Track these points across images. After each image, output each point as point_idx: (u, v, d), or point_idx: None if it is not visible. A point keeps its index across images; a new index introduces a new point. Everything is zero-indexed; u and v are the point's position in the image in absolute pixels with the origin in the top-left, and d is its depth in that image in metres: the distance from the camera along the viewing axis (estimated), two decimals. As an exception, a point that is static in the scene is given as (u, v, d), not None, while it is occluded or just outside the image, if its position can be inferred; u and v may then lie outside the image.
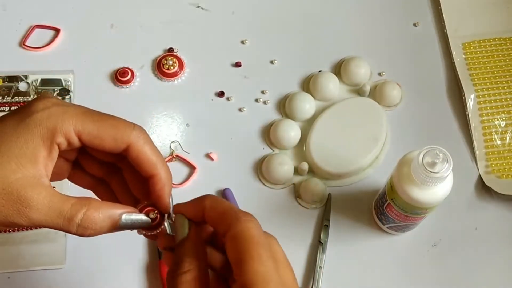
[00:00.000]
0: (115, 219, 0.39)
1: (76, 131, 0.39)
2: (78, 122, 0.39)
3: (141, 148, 0.40)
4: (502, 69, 0.72)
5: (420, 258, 0.64)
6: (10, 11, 0.74)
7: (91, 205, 0.39)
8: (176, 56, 0.72)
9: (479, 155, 0.68)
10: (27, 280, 0.61)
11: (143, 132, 0.41)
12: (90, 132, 0.39)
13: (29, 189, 0.37)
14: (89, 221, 0.38)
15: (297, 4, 0.76)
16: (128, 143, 0.40)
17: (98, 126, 0.39)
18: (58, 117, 0.38)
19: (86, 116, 0.39)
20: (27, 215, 0.37)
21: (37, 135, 0.38)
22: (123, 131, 0.40)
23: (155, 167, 0.41)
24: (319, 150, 0.66)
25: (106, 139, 0.40)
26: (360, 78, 0.71)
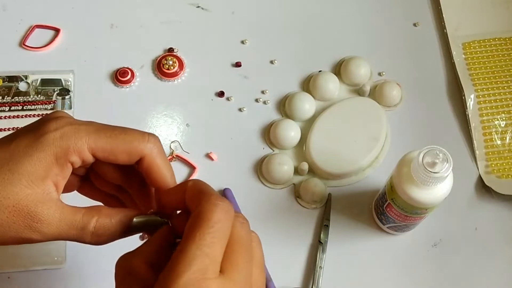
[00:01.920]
0: (127, 222, 0.40)
1: (90, 149, 0.39)
2: (91, 140, 0.39)
3: (153, 160, 0.41)
4: (502, 69, 0.72)
5: (420, 258, 0.64)
6: (10, 11, 0.74)
7: (102, 212, 0.40)
8: (176, 56, 0.72)
9: (479, 155, 0.68)
10: (27, 280, 0.61)
11: (157, 143, 0.41)
12: (104, 149, 0.40)
13: (39, 204, 0.38)
14: (102, 228, 0.40)
15: (297, 4, 0.76)
16: (141, 156, 0.41)
17: (111, 142, 0.40)
18: (71, 137, 0.39)
19: (99, 134, 0.40)
20: (39, 230, 0.38)
21: (50, 154, 0.38)
22: (137, 145, 0.40)
23: (164, 180, 0.42)
24: (319, 150, 0.66)
25: (119, 155, 0.40)
26: (360, 78, 0.71)
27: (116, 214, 0.40)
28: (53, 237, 0.39)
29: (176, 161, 0.67)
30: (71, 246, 0.63)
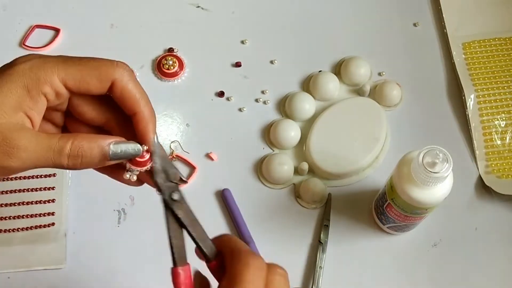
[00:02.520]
0: (104, 148, 0.40)
1: (61, 78, 0.39)
2: (61, 69, 0.39)
3: (125, 85, 0.41)
4: (502, 69, 0.72)
5: (420, 258, 0.64)
6: (10, 11, 0.74)
7: (78, 135, 0.39)
8: (176, 56, 0.72)
9: (479, 155, 0.68)
10: (27, 280, 0.61)
11: (126, 68, 0.41)
12: (75, 77, 0.40)
13: (14, 132, 0.38)
14: (78, 149, 0.39)
15: (297, 4, 0.76)
16: (112, 80, 0.40)
17: (81, 70, 0.40)
18: (40, 67, 0.39)
19: (68, 63, 0.40)
20: (16, 156, 0.38)
21: (21, 85, 0.38)
22: (106, 70, 0.41)
23: (138, 105, 0.42)
24: (319, 150, 0.66)
25: (90, 81, 0.40)
26: (360, 78, 0.71)
27: (93, 138, 0.40)
28: (32, 163, 0.38)
29: (176, 161, 0.67)
30: (71, 246, 0.63)
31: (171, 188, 0.42)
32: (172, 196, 0.42)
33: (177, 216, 0.41)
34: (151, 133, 0.43)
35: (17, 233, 0.63)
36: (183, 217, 0.41)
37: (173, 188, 0.42)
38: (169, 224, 0.42)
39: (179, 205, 0.42)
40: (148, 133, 0.42)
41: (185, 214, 0.42)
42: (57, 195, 0.64)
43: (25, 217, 0.63)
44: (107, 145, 0.40)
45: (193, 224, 0.42)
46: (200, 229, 0.42)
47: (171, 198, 0.42)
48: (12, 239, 0.63)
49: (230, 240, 0.41)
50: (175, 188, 0.42)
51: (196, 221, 0.42)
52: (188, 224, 0.41)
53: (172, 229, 0.41)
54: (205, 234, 0.42)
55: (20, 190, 0.65)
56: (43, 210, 0.64)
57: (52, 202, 0.64)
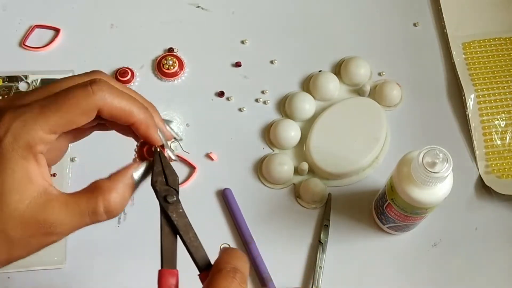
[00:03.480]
0: (130, 183, 0.40)
1: (47, 131, 0.38)
2: (43, 123, 0.38)
3: (110, 106, 0.39)
4: (502, 69, 0.72)
5: (420, 258, 0.64)
6: (10, 11, 0.74)
7: (104, 189, 0.39)
8: (176, 56, 0.72)
9: (479, 155, 0.68)
10: (27, 280, 0.61)
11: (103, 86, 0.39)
12: (59, 124, 0.38)
13: (42, 209, 0.38)
14: (113, 204, 0.39)
15: (297, 4, 0.76)
16: (97, 108, 0.39)
17: (62, 115, 0.38)
18: (23, 132, 0.37)
19: (45, 113, 0.38)
20: (55, 233, 0.38)
21: (18, 159, 0.37)
22: (86, 103, 0.38)
23: (131, 116, 0.41)
24: (319, 150, 0.66)
25: (77, 120, 0.39)
26: (360, 78, 0.71)
27: (117, 184, 0.39)
28: (72, 230, 0.39)
29: (176, 161, 0.67)
30: (71, 246, 0.63)
31: (167, 191, 0.42)
32: (167, 198, 0.41)
33: (171, 219, 0.41)
34: (155, 134, 0.42)
35: (17, 233, 0.63)
36: (176, 221, 0.41)
37: (170, 192, 0.42)
38: (162, 226, 0.41)
39: (174, 208, 0.41)
40: (152, 135, 0.42)
41: (179, 218, 0.41)
42: (57, 195, 0.64)
43: (25, 217, 0.63)
44: (131, 178, 0.40)
45: (186, 230, 0.41)
46: (193, 235, 0.41)
47: (166, 201, 0.41)
48: (12, 239, 0.62)
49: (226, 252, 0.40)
50: (171, 191, 0.42)
51: (190, 227, 0.41)
52: (182, 229, 0.41)
53: (165, 231, 0.41)
54: (198, 241, 0.41)
55: (20, 190, 0.64)
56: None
57: (52, 202, 0.64)
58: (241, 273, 0.39)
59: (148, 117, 0.42)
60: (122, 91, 0.41)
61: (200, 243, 0.41)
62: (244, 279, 0.39)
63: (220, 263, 0.39)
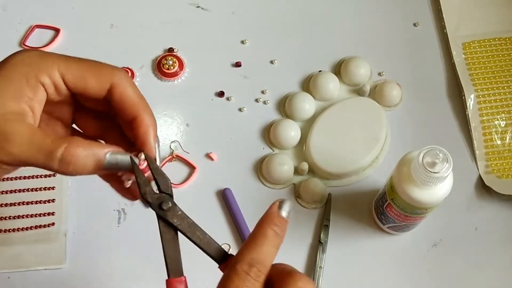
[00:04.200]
0: (99, 157, 0.38)
1: (60, 72, 0.39)
2: (61, 63, 0.39)
3: (124, 89, 0.40)
4: (502, 69, 0.72)
5: (420, 258, 0.64)
6: (10, 11, 0.74)
7: (74, 140, 0.38)
8: (176, 56, 0.72)
9: (479, 155, 0.68)
10: (27, 280, 0.61)
11: (126, 74, 0.41)
12: (74, 73, 0.39)
13: (9, 123, 0.37)
14: (71, 156, 0.37)
15: (297, 4, 0.76)
16: (111, 83, 0.40)
17: (81, 67, 0.39)
18: (40, 58, 0.38)
19: (68, 60, 0.39)
20: (7, 150, 0.36)
21: (20, 74, 0.38)
22: (105, 71, 0.40)
23: (137, 108, 0.40)
24: (319, 150, 0.66)
25: (89, 80, 0.39)
26: (360, 78, 0.71)
27: (89, 145, 0.38)
28: (22, 160, 0.37)
29: (176, 161, 0.67)
30: (71, 246, 0.63)
31: (160, 199, 0.40)
32: (162, 206, 0.40)
33: (174, 224, 0.40)
34: (152, 138, 0.41)
35: (17, 233, 0.63)
36: (179, 225, 0.40)
37: (163, 198, 0.40)
38: (163, 235, 0.40)
39: (172, 213, 0.40)
40: (149, 138, 0.41)
41: (181, 221, 0.40)
42: (57, 195, 0.64)
43: (25, 217, 0.63)
44: (103, 154, 0.38)
45: (192, 229, 0.40)
46: (201, 232, 0.40)
47: (161, 209, 0.40)
48: (12, 239, 0.63)
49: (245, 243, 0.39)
50: (164, 197, 0.40)
51: (195, 225, 0.40)
52: (187, 230, 0.40)
53: (166, 240, 0.40)
54: (207, 236, 0.40)
55: (20, 190, 0.65)
56: (43, 210, 0.64)
57: (52, 202, 0.64)
58: (259, 265, 0.37)
59: (152, 120, 0.42)
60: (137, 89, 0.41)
61: (210, 237, 0.40)
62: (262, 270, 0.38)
63: (236, 257, 0.38)
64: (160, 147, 0.68)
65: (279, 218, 0.40)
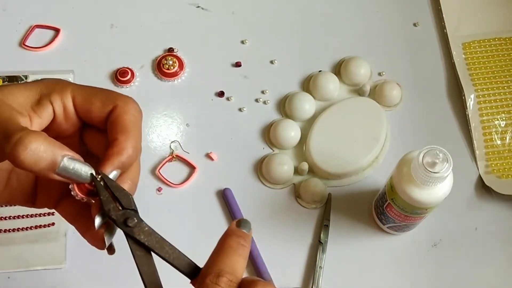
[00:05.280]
0: (55, 157, 0.36)
1: (72, 94, 0.40)
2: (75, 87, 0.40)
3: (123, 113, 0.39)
4: (502, 69, 0.72)
5: (420, 258, 0.64)
6: (10, 11, 0.74)
7: (38, 134, 0.36)
8: (176, 56, 0.72)
9: (479, 155, 0.68)
10: (27, 280, 0.61)
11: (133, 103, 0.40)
12: (83, 95, 0.40)
13: None
14: (25, 145, 0.35)
15: (297, 4, 0.76)
16: (113, 105, 0.40)
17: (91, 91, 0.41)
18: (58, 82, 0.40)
19: (82, 86, 0.41)
20: None
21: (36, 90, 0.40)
22: (113, 96, 0.40)
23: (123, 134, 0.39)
24: (319, 150, 0.66)
25: (95, 102, 0.40)
26: (360, 78, 0.71)
27: (50, 142, 0.36)
28: None
29: (176, 161, 0.67)
30: (71, 246, 0.63)
31: (125, 215, 0.38)
32: (127, 223, 0.38)
33: (140, 241, 0.38)
34: (113, 165, 0.39)
35: (17, 233, 0.63)
36: (147, 241, 0.38)
37: (128, 214, 0.39)
38: (134, 252, 0.39)
39: (139, 230, 0.38)
40: (111, 161, 0.39)
41: (148, 237, 0.38)
42: (57, 195, 0.64)
43: (25, 217, 0.63)
44: (61, 156, 0.36)
45: (160, 245, 0.38)
46: (170, 248, 0.38)
47: (127, 226, 0.38)
48: (12, 239, 0.63)
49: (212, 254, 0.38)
50: (130, 213, 0.39)
51: (163, 240, 0.39)
52: (155, 247, 0.38)
53: (138, 257, 0.39)
54: (176, 251, 0.38)
55: (20, 190, 0.64)
56: (43, 210, 0.64)
57: (52, 202, 0.64)
58: (229, 275, 0.36)
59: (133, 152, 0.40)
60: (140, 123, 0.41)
61: (179, 251, 0.38)
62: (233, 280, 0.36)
63: (204, 269, 0.37)
64: (160, 146, 0.68)
65: (240, 232, 0.39)
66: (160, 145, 0.68)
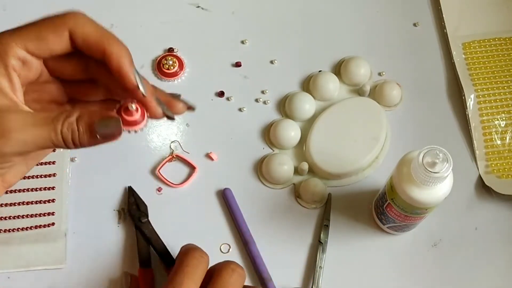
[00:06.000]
0: (92, 127, 0.38)
1: (20, 45, 0.38)
2: (16, 37, 0.38)
3: (82, 29, 0.39)
4: (502, 69, 0.72)
5: (420, 258, 0.64)
6: (10, 11, 0.74)
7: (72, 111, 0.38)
8: (176, 56, 0.72)
9: (479, 155, 0.68)
10: (27, 280, 0.62)
11: (80, 14, 0.40)
12: (31, 38, 0.38)
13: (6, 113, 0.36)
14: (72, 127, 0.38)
15: (297, 4, 0.76)
16: (67, 28, 0.39)
17: (35, 30, 0.39)
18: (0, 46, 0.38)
19: (21, 29, 0.39)
20: (13, 137, 0.36)
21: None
22: (59, 21, 0.39)
23: (102, 43, 0.39)
24: (319, 150, 0.66)
25: (48, 38, 0.39)
26: (360, 78, 0.71)
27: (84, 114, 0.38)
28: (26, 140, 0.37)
29: (176, 161, 0.67)
30: (71, 246, 0.63)
31: (140, 214, 0.62)
32: (140, 219, 0.62)
33: (145, 234, 0.61)
34: (129, 71, 0.39)
35: (17, 233, 0.63)
36: (149, 234, 0.61)
37: (141, 215, 0.62)
38: (138, 239, 0.62)
39: (146, 226, 0.62)
40: (124, 72, 0.39)
41: (150, 233, 0.61)
42: (57, 195, 0.64)
43: (25, 217, 0.63)
44: (94, 123, 0.38)
45: (156, 240, 0.61)
46: (161, 244, 0.61)
47: (140, 221, 0.62)
48: (12, 239, 0.63)
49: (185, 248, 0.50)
50: (143, 214, 0.62)
51: (158, 238, 0.61)
52: (152, 240, 0.61)
53: (141, 242, 0.61)
54: (165, 247, 0.61)
55: (20, 190, 0.65)
56: (43, 210, 0.64)
57: (52, 202, 0.64)
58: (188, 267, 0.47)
59: (122, 50, 0.40)
60: (97, 23, 0.39)
61: (165, 247, 0.61)
62: None
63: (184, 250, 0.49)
64: (160, 146, 0.68)
65: None
66: (160, 145, 0.68)
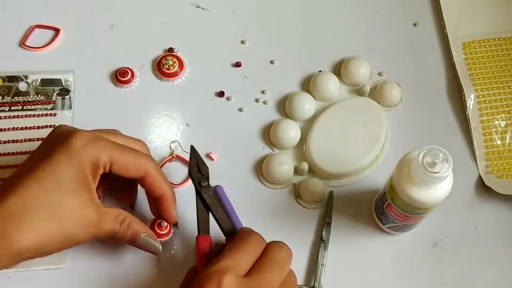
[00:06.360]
0: (137, 235, 0.55)
1: (110, 162, 0.51)
2: (112, 155, 0.51)
3: (154, 176, 0.55)
4: (502, 69, 0.72)
5: (420, 258, 0.64)
6: (10, 11, 0.74)
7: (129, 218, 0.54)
8: (176, 56, 0.72)
9: (479, 155, 0.68)
10: (27, 280, 0.61)
11: (155, 164, 0.55)
12: (120, 163, 0.52)
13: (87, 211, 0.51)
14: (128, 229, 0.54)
15: (297, 4, 0.76)
16: (146, 172, 0.54)
17: (125, 159, 0.52)
18: (98, 153, 0.50)
19: (115, 150, 0.52)
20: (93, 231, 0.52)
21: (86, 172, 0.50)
22: (144, 163, 0.53)
23: (163, 190, 0.56)
24: (319, 150, 0.66)
25: (130, 169, 0.53)
26: (360, 78, 0.71)
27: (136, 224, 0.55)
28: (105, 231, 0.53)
29: (176, 161, 0.67)
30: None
31: (200, 178, 0.57)
32: (201, 183, 0.57)
33: (204, 198, 0.56)
34: (174, 211, 0.58)
35: (17, 233, 0.63)
36: (208, 200, 0.56)
37: (202, 179, 0.57)
38: (198, 204, 0.56)
39: (206, 191, 0.57)
40: (172, 211, 0.57)
41: (210, 198, 0.57)
42: (57, 195, 0.64)
43: (25, 217, 0.63)
44: (141, 234, 0.55)
45: (215, 207, 0.56)
46: (221, 210, 0.56)
47: (200, 185, 0.57)
48: (12, 239, 0.62)
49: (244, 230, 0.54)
50: (203, 178, 0.57)
51: (218, 204, 0.57)
52: (212, 206, 0.56)
53: (200, 207, 0.56)
54: (224, 214, 0.56)
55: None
56: (43, 210, 0.64)
57: (52, 202, 0.64)
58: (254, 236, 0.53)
59: (173, 195, 0.57)
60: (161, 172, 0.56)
61: (227, 216, 0.56)
62: None
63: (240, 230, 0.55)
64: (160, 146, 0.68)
65: None
66: (160, 145, 0.68)
